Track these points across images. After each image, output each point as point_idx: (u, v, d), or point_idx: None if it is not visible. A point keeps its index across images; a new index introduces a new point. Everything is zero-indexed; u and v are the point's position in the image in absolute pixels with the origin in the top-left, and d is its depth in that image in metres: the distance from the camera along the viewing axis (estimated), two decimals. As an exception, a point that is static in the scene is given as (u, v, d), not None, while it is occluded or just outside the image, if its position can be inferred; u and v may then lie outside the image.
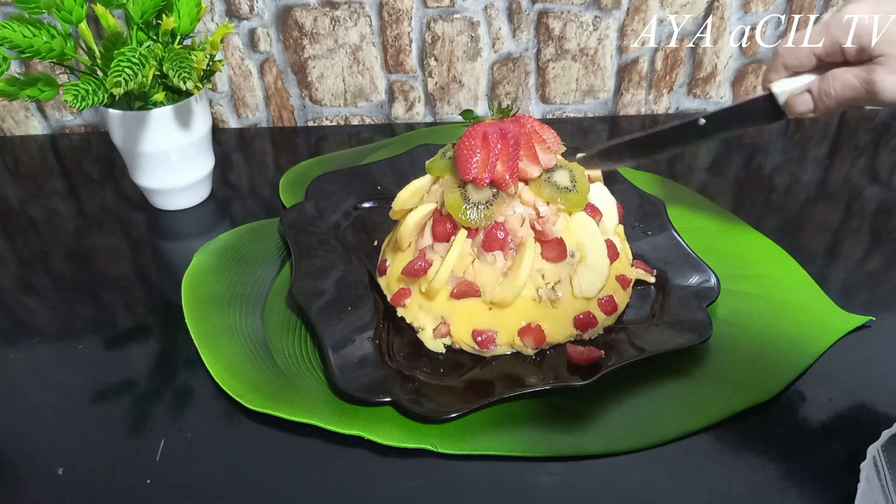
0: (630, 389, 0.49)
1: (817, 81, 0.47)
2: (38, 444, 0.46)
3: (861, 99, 0.45)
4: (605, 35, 0.82)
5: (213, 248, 0.63)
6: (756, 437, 0.46)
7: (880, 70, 0.43)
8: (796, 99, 0.48)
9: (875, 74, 0.43)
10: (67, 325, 0.57)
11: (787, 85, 0.48)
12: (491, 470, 0.44)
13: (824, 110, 0.47)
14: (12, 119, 0.86)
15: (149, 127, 0.64)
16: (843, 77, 0.45)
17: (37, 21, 0.57)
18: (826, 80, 0.46)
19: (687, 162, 0.78)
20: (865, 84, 0.44)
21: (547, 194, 0.50)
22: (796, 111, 0.48)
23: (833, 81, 0.46)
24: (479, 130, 0.49)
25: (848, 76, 0.45)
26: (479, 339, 0.51)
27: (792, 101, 0.48)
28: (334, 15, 0.79)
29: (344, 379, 0.47)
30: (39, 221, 0.71)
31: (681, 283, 0.56)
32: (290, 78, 0.84)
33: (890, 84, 0.43)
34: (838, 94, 0.45)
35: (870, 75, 0.43)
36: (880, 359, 0.51)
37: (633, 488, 0.43)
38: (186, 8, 0.63)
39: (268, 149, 0.84)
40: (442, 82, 0.85)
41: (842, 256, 0.62)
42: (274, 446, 0.46)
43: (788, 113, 0.49)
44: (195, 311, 0.56)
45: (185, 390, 0.50)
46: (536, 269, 0.50)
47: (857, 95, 0.45)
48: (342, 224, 0.65)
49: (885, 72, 0.43)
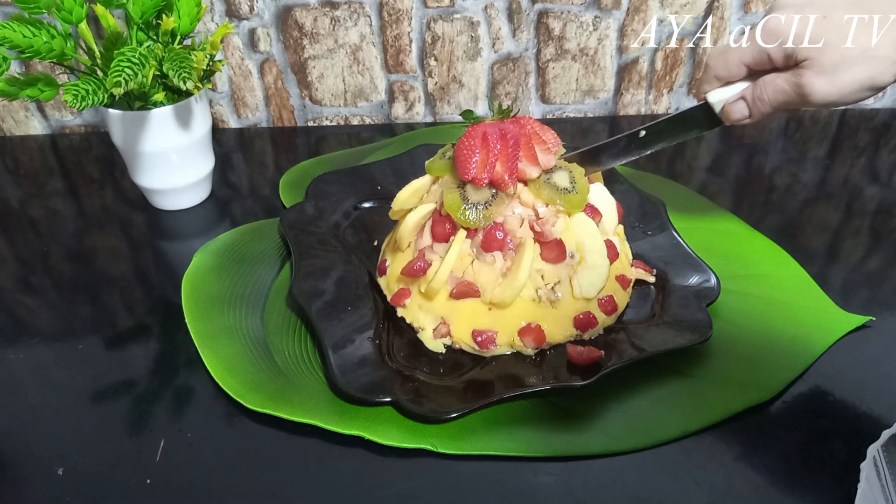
0: (630, 389, 0.49)
1: (750, 88, 0.48)
2: (38, 444, 0.46)
3: (794, 102, 0.46)
4: (605, 35, 0.82)
5: (213, 248, 0.63)
6: (756, 437, 0.46)
7: (807, 73, 0.44)
8: (731, 107, 0.49)
9: (803, 78, 0.44)
10: (67, 325, 0.57)
11: (721, 94, 0.49)
12: (491, 470, 0.44)
13: (759, 116, 0.48)
14: (12, 119, 0.86)
15: (149, 127, 0.64)
16: (774, 82, 0.46)
17: (37, 21, 0.57)
18: (758, 86, 0.47)
19: (687, 162, 0.78)
20: (795, 87, 0.45)
21: (546, 195, 0.50)
22: (732, 118, 0.49)
23: (765, 87, 0.47)
24: (478, 131, 0.49)
25: (778, 81, 0.46)
26: (479, 339, 0.51)
27: (727, 108, 0.49)
28: (334, 15, 0.79)
29: (344, 379, 0.47)
30: (39, 221, 0.71)
31: (681, 283, 0.56)
32: (290, 78, 0.84)
33: (819, 86, 0.44)
34: (771, 99, 0.47)
35: (798, 79, 0.45)
36: (880, 359, 0.51)
37: (633, 488, 0.43)
38: (186, 8, 0.63)
39: (268, 149, 0.84)
40: (442, 82, 0.85)
41: (842, 256, 0.62)
42: (274, 446, 0.46)
43: (725, 120, 0.50)
44: (195, 311, 0.56)
45: (185, 390, 0.50)
46: (536, 269, 0.50)
47: (789, 99, 0.46)
48: (342, 224, 0.65)
49: (812, 74, 0.44)
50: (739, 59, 0.47)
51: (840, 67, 0.43)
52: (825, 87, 0.44)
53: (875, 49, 0.42)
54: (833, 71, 0.43)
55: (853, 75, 0.43)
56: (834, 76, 0.43)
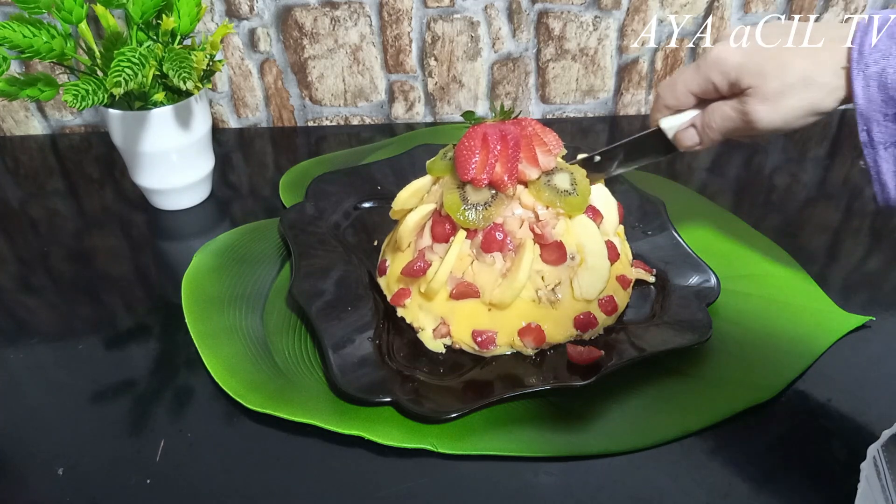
0: (630, 389, 0.49)
1: (700, 116, 0.49)
2: (38, 444, 0.46)
3: (740, 129, 0.47)
4: (605, 35, 0.82)
5: (213, 248, 0.63)
6: (756, 437, 0.46)
7: (751, 101, 0.45)
8: (683, 134, 0.51)
9: (747, 105, 0.45)
10: (67, 325, 0.57)
11: (673, 121, 0.51)
12: (491, 470, 0.44)
13: (710, 142, 0.49)
14: (12, 119, 0.86)
15: (149, 127, 0.64)
16: (721, 110, 0.47)
17: (37, 21, 0.57)
18: (707, 113, 0.49)
19: (687, 162, 0.78)
20: (741, 115, 0.46)
21: (546, 197, 0.50)
22: (684, 145, 0.51)
23: (713, 115, 0.48)
24: (479, 132, 0.49)
25: (725, 108, 0.47)
26: (479, 339, 0.51)
27: (679, 135, 0.51)
28: (334, 15, 0.79)
29: (344, 379, 0.47)
30: (39, 221, 0.71)
31: (681, 283, 0.56)
32: (290, 78, 0.84)
33: (763, 113, 0.45)
34: (719, 126, 0.48)
35: (743, 106, 0.46)
36: (880, 359, 0.51)
37: (633, 488, 0.43)
38: (186, 8, 0.63)
39: (268, 149, 0.84)
40: (442, 82, 0.85)
41: (842, 256, 0.62)
42: (274, 446, 0.46)
43: (678, 147, 0.51)
44: (195, 311, 0.56)
45: (185, 390, 0.50)
46: (536, 270, 0.50)
47: (735, 126, 0.47)
48: (342, 224, 0.65)
49: (756, 101, 0.45)
50: (686, 88, 0.49)
51: (782, 95, 0.44)
52: (769, 113, 0.45)
53: (815, 76, 0.43)
54: (776, 98, 0.44)
55: (795, 102, 0.44)
56: (777, 103, 0.44)
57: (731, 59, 0.45)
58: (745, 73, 0.45)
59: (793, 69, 0.43)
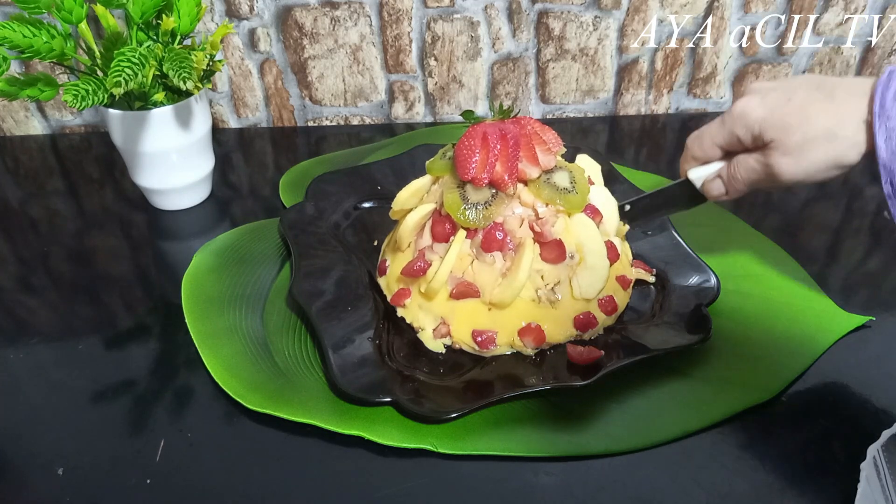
0: (630, 389, 0.49)
1: (726, 167, 0.50)
2: (38, 444, 0.46)
3: (764, 181, 0.48)
4: (605, 35, 0.82)
5: (213, 248, 0.63)
6: (756, 437, 0.46)
7: (774, 153, 0.46)
8: (710, 184, 0.52)
9: (770, 158, 0.46)
10: (67, 325, 0.57)
11: (700, 171, 0.52)
12: (491, 470, 0.44)
13: (735, 193, 0.51)
14: (12, 119, 0.86)
15: (149, 127, 0.64)
16: (746, 162, 0.48)
17: (37, 21, 0.57)
18: (732, 165, 0.50)
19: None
20: (764, 167, 0.47)
21: (546, 195, 0.50)
22: (711, 195, 0.52)
23: (738, 167, 0.49)
24: (478, 131, 0.49)
25: (749, 161, 0.48)
26: (479, 339, 0.51)
27: (706, 186, 0.52)
28: (334, 15, 0.79)
29: (344, 379, 0.47)
30: (39, 221, 0.71)
31: (681, 283, 0.56)
32: (290, 78, 0.84)
33: (785, 166, 0.46)
34: (744, 178, 0.49)
35: (766, 159, 0.47)
36: (880, 359, 0.51)
37: (633, 488, 0.43)
38: (186, 8, 0.63)
39: (268, 149, 0.84)
40: (442, 82, 0.85)
41: (842, 256, 0.62)
42: (274, 446, 0.46)
43: (706, 196, 0.52)
44: (195, 311, 0.56)
45: (185, 390, 0.50)
46: (536, 270, 0.50)
47: (759, 178, 0.48)
48: (342, 224, 0.65)
49: (779, 154, 0.46)
50: (713, 141, 0.50)
51: (805, 148, 0.45)
52: (792, 166, 0.45)
53: (838, 130, 0.44)
54: (798, 151, 0.45)
55: (818, 155, 0.45)
56: (799, 156, 0.45)
57: (754, 113, 0.46)
58: (768, 127, 0.46)
59: (815, 123, 0.44)
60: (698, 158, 0.52)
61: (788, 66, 0.84)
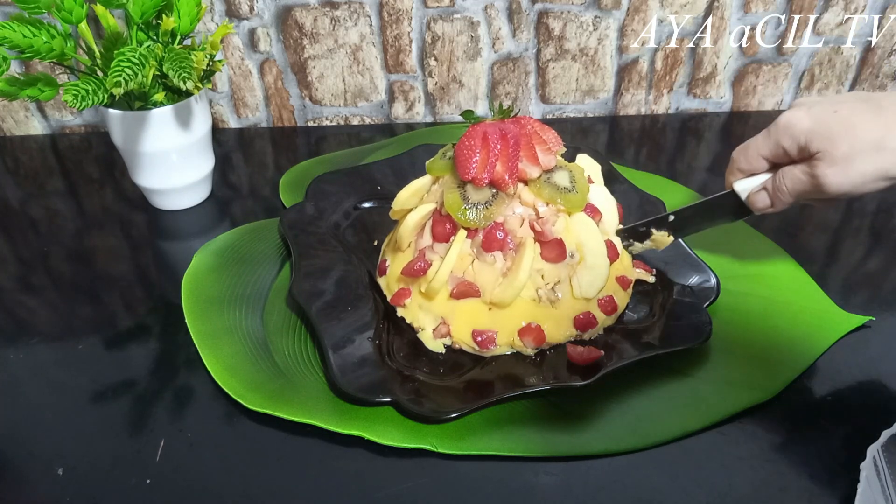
0: (630, 389, 0.49)
1: (771, 179, 0.50)
2: (38, 444, 0.46)
3: (810, 192, 0.48)
4: (605, 35, 0.82)
5: (213, 248, 0.63)
6: (756, 437, 0.46)
7: (821, 165, 0.45)
8: (755, 196, 0.51)
9: (817, 169, 0.46)
10: (67, 325, 0.57)
11: (746, 184, 0.52)
12: (491, 470, 0.44)
13: (782, 205, 0.50)
14: (12, 119, 0.86)
15: (149, 127, 0.64)
16: (792, 173, 0.48)
17: (37, 21, 0.57)
18: (778, 177, 0.49)
19: (687, 162, 0.78)
20: (811, 178, 0.47)
21: (546, 195, 0.50)
22: (757, 207, 0.51)
23: (784, 178, 0.49)
24: (479, 131, 0.49)
25: (795, 172, 0.48)
26: (479, 339, 0.51)
27: (752, 198, 0.51)
28: (334, 15, 0.79)
29: (344, 379, 0.47)
30: (39, 221, 0.71)
31: (681, 283, 0.56)
32: (290, 78, 0.84)
33: (832, 177, 0.45)
34: (790, 189, 0.49)
35: (813, 170, 0.46)
36: (880, 359, 0.51)
37: (633, 488, 0.43)
38: (186, 8, 0.63)
39: (268, 149, 0.84)
40: (442, 82, 0.85)
41: (842, 256, 0.62)
42: (274, 446, 0.46)
43: (751, 209, 0.52)
44: (195, 311, 0.56)
45: (185, 390, 0.50)
46: (536, 269, 0.50)
47: (805, 189, 0.48)
48: (342, 224, 0.65)
49: (825, 166, 0.45)
50: (758, 153, 0.50)
51: (852, 159, 0.44)
52: (838, 177, 0.45)
53: (886, 141, 0.43)
54: (845, 162, 0.44)
55: (866, 166, 0.44)
56: (847, 167, 0.45)
57: (800, 124, 0.46)
58: (814, 138, 0.45)
59: (862, 134, 0.44)
60: (744, 170, 0.51)
61: (788, 66, 0.84)
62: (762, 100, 0.87)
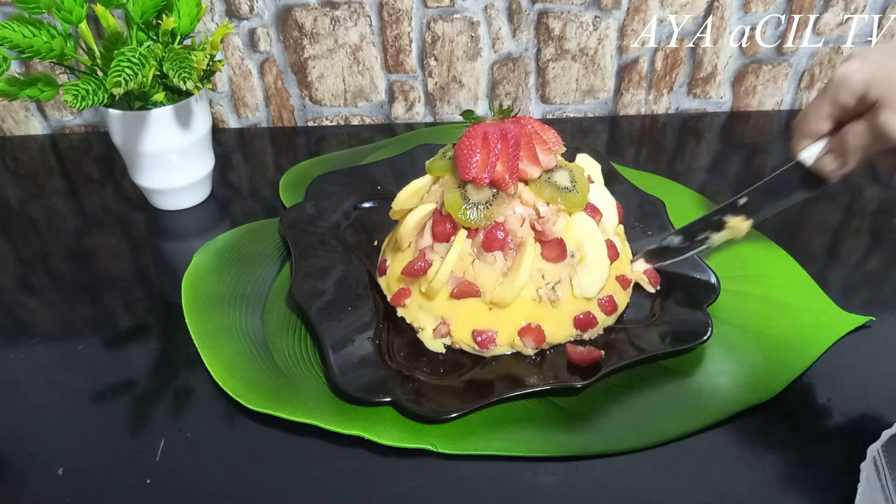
0: (630, 389, 0.49)
1: (835, 140, 0.49)
2: (38, 444, 0.46)
3: (876, 145, 0.46)
4: (605, 35, 0.82)
5: (213, 248, 0.63)
6: (756, 437, 0.46)
7: (884, 111, 0.44)
8: (822, 161, 0.50)
9: (878, 118, 0.44)
10: (67, 325, 0.57)
11: (811, 150, 0.50)
12: (491, 470, 0.44)
13: (850, 164, 0.48)
14: (12, 119, 0.86)
15: (149, 127, 0.64)
16: (854, 129, 0.47)
17: (37, 21, 0.57)
18: (841, 135, 0.48)
19: (687, 162, 0.78)
20: (874, 129, 0.45)
21: (547, 194, 0.50)
22: (825, 171, 0.50)
23: (846, 135, 0.47)
24: (479, 130, 0.49)
25: (857, 127, 0.46)
26: (479, 339, 0.51)
27: (818, 164, 0.50)
28: (334, 15, 0.79)
29: (344, 379, 0.47)
30: (39, 221, 0.71)
31: (681, 283, 0.56)
32: (290, 78, 0.84)
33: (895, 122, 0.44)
34: (855, 145, 0.47)
35: (874, 120, 0.45)
36: (880, 359, 0.51)
37: (633, 488, 0.43)
38: (186, 8, 0.63)
39: (268, 149, 0.84)
40: (442, 82, 0.85)
41: (842, 256, 0.62)
42: (274, 446, 0.46)
43: (820, 174, 0.50)
44: (195, 311, 0.56)
45: (185, 390, 0.50)
46: (536, 269, 0.50)
47: (871, 143, 0.46)
48: (342, 224, 0.65)
49: (889, 111, 0.44)
50: (818, 115, 0.48)
51: None
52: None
53: None
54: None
55: None
56: None
57: (856, 74, 0.45)
58: (872, 86, 0.44)
59: None
60: (806, 136, 0.50)
61: (788, 66, 0.84)
62: (762, 100, 0.87)
